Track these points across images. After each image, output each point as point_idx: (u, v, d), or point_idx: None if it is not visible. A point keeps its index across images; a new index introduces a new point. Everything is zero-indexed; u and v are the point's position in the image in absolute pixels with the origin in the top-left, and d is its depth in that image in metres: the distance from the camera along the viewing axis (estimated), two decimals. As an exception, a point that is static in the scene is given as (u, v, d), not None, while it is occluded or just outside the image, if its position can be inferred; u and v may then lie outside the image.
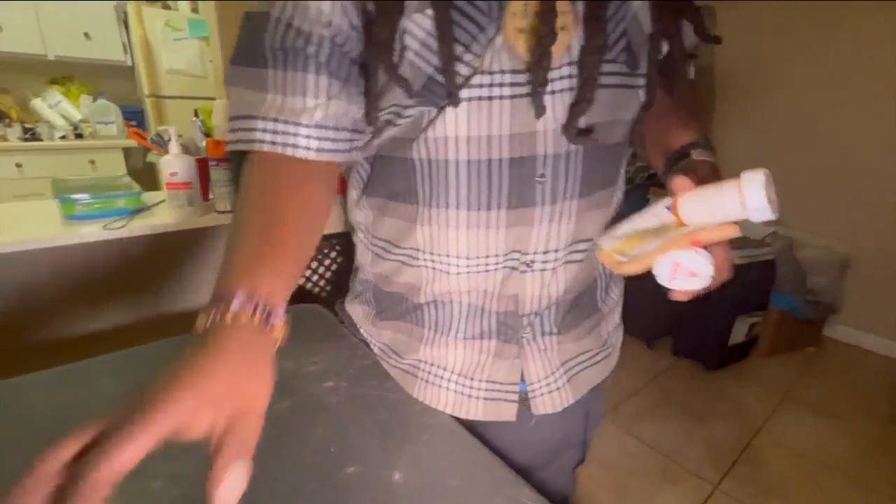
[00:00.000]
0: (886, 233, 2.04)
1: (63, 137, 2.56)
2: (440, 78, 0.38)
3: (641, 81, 0.43)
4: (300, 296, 1.29)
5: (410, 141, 0.43)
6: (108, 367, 0.58)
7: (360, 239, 0.58)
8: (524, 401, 0.54)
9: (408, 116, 0.41)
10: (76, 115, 2.63)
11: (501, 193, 0.43)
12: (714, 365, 1.96)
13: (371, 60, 0.39)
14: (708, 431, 1.61)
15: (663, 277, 0.40)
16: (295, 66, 0.38)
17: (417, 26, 0.37)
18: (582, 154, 0.43)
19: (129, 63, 2.75)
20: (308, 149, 0.39)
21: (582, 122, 0.41)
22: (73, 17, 2.52)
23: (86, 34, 2.58)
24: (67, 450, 0.23)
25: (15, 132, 2.48)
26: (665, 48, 0.44)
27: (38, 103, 2.57)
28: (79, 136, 2.63)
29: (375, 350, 0.60)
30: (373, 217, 0.53)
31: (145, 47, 2.51)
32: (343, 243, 1.42)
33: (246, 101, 0.40)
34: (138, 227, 0.94)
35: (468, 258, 0.47)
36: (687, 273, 0.39)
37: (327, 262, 1.38)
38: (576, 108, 0.40)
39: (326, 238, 1.40)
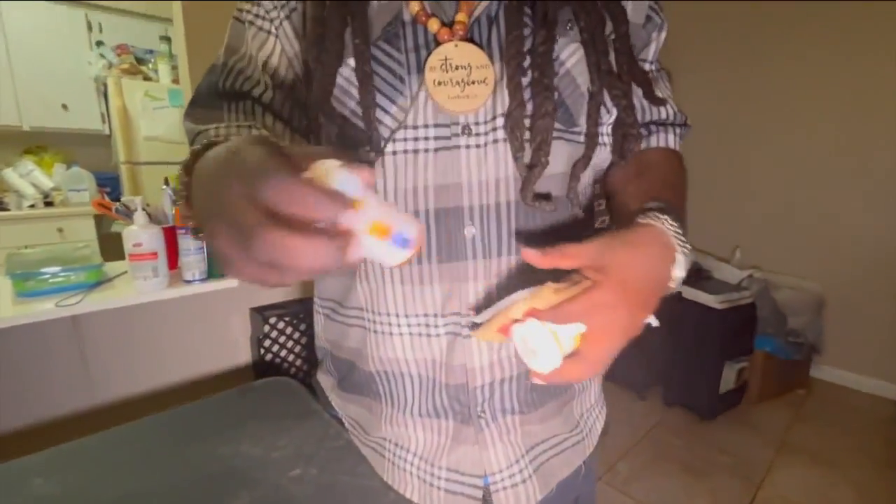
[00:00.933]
0: (856, 271, 2.10)
1: (32, 206, 2.50)
2: (363, 127, 0.40)
3: (582, 137, 0.43)
4: (271, 370, 1.22)
5: None
6: (41, 466, 0.51)
7: (314, 305, 0.57)
8: (486, 498, 0.48)
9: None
10: (48, 184, 2.59)
11: (430, 245, 0.42)
12: (707, 414, 1.91)
13: (312, 108, 0.42)
14: (709, 486, 1.53)
15: (518, 352, 0.35)
16: (246, 106, 0.43)
17: (343, 77, 0.39)
18: (514, 207, 0.41)
19: (107, 132, 2.77)
20: None
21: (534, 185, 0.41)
22: (52, 88, 2.55)
23: (63, 105, 2.61)
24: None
25: (-19, 203, 2.41)
26: (614, 110, 0.44)
27: (8, 173, 2.53)
28: (48, 203, 2.58)
29: (346, 425, 0.56)
30: (316, 279, 0.53)
31: (123, 116, 2.53)
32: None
33: (195, 130, 0.43)
34: (96, 301, 0.89)
35: (407, 316, 0.45)
36: (529, 350, 0.34)
37: (297, 334, 1.32)
38: (532, 172, 0.40)
39: (296, 306, 1.35)
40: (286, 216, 0.21)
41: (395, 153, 0.40)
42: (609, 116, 0.45)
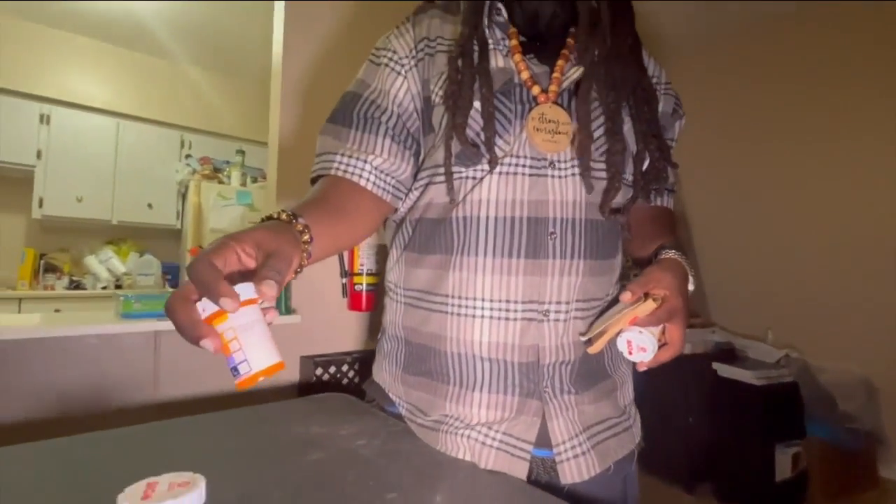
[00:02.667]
0: None
1: (104, 288, 2.79)
2: (483, 152, 0.54)
3: (630, 181, 0.59)
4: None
5: (451, 206, 0.56)
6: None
7: (391, 298, 0.66)
8: (551, 468, 0.55)
9: (441, 180, 0.56)
10: (121, 269, 2.91)
11: (521, 244, 0.54)
12: (767, 506, 1.74)
13: (448, 133, 0.54)
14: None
15: (624, 353, 0.51)
16: (372, 130, 0.57)
17: (471, 118, 0.54)
18: (584, 223, 0.56)
19: (178, 226, 3.17)
20: (367, 181, 0.55)
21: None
22: (142, 190, 3.02)
23: (149, 204, 3.05)
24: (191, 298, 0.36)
25: (62, 283, 2.72)
26: (646, 164, 0.60)
27: (90, 259, 2.88)
28: (118, 286, 2.86)
29: (403, 411, 0.62)
30: (406, 272, 0.62)
31: (197, 212, 2.93)
32: (361, 359, 1.46)
33: (329, 145, 0.57)
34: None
35: (492, 301, 0.55)
36: (638, 348, 0.50)
37: (345, 380, 1.40)
38: (608, 194, 0.55)
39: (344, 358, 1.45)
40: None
41: (500, 173, 0.54)
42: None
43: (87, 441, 0.54)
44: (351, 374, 1.40)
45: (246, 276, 0.37)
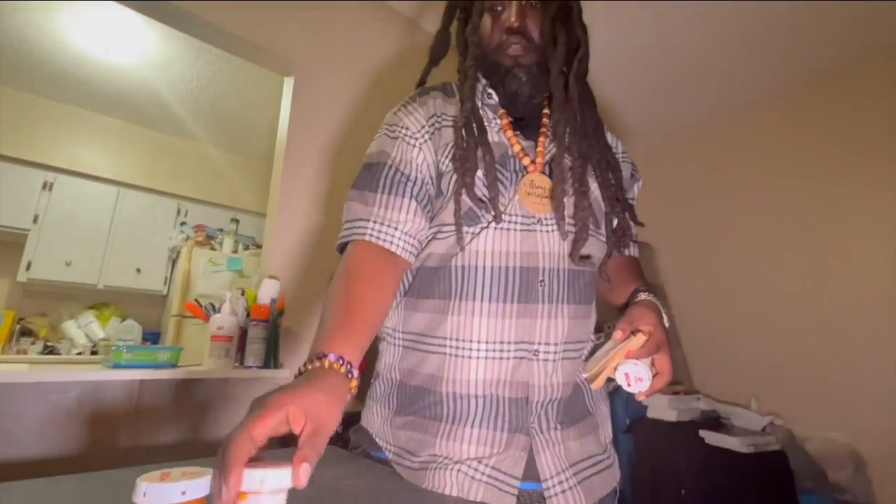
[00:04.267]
0: (891, 425, 1.95)
1: (79, 353, 2.70)
2: (482, 213, 0.62)
3: (604, 238, 0.70)
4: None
5: (451, 256, 0.64)
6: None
7: (387, 343, 0.70)
8: (538, 502, 0.57)
9: (447, 234, 0.64)
10: (100, 334, 2.85)
11: (515, 291, 0.61)
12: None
13: (458, 190, 0.62)
14: None
15: (623, 386, 0.56)
16: (398, 192, 0.62)
17: (476, 180, 0.63)
18: (568, 273, 0.64)
19: (165, 292, 3.16)
20: (398, 247, 0.61)
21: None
22: (132, 255, 3.05)
23: (138, 269, 3.07)
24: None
25: (37, 348, 2.63)
26: (615, 222, 0.71)
27: (68, 324, 2.82)
28: (94, 352, 2.77)
29: (391, 456, 0.63)
30: (405, 316, 0.67)
31: (186, 278, 2.95)
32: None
33: (358, 211, 0.62)
34: (173, 372, 1.04)
35: (487, 342, 0.60)
36: (635, 379, 0.55)
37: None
38: (577, 244, 0.63)
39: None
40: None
41: (496, 228, 0.62)
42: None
43: (66, 482, 0.54)
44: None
45: (283, 440, 0.38)
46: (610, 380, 0.58)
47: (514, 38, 0.66)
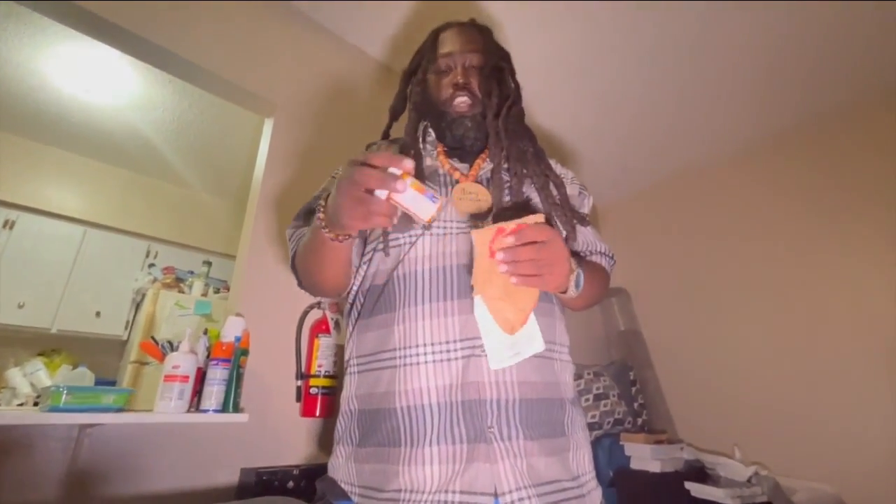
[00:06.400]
0: (875, 471, 1.96)
1: (21, 404, 2.47)
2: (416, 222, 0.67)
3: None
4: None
5: (392, 270, 0.67)
6: None
7: (347, 374, 0.70)
8: None
9: (393, 246, 0.68)
10: (46, 383, 2.62)
11: (454, 288, 0.63)
12: None
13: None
14: None
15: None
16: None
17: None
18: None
19: (125, 338, 2.98)
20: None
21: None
22: (92, 298, 2.89)
23: (97, 313, 2.90)
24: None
25: (-28, 398, 2.39)
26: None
27: (13, 372, 2.59)
28: (37, 403, 2.54)
29: (356, 500, 0.61)
30: (358, 340, 0.69)
31: (149, 322, 2.80)
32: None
33: (290, 230, 0.74)
34: (122, 416, 0.94)
35: (433, 343, 0.61)
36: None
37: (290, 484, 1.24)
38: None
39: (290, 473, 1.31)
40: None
41: (433, 234, 0.68)
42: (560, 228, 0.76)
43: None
44: (294, 486, 1.26)
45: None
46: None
47: (459, 92, 0.77)
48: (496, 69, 0.80)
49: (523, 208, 0.70)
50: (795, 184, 2.43)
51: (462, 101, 0.76)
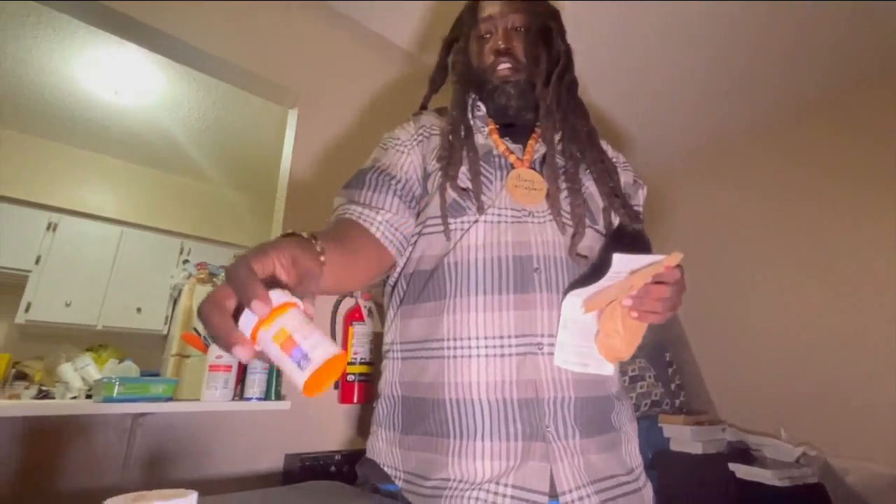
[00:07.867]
0: None
1: (74, 398, 2.60)
2: (468, 205, 0.64)
3: (602, 229, 0.70)
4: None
5: (444, 255, 0.63)
6: None
7: (388, 359, 0.68)
8: None
9: (433, 228, 0.64)
10: (96, 377, 2.75)
11: (509, 280, 0.60)
12: None
13: (442, 184, 0.65)
14: None
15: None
16: (382, 189, 0.65)
17: (461, 175, 0.65)
18: (565, 260, 0.63)
19: (165, 332, 3.09)
20: (377, 230, 0.62)
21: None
22: (133, 295, 3.01)
23: (138, 309, 3.02)
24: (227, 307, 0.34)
25: (30, 392, 2.54)
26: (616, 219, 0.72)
27: (65, 367, 2.73)
28: (89, 396, 2.67)
29: (401, 484, 0.59)
30: (402, 326, 0.66)
31: (187, 316, 2.89)
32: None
33: (342, 202, 0.66)
34: (170, 405, 0.97)
35: (486, 338, 0.58)
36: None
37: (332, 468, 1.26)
38: (575, 237, 0.64)
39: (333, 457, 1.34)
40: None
41: (486, 222, 0.63)
42: (615, 220, 0.73)
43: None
44: (337, 471, 1.28)
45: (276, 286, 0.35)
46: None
47: (502, 58, 0.72)
48: (543, 30, 0.74)
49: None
50: (840, 149, 2.29)
51: (504, 66, 0.71)
